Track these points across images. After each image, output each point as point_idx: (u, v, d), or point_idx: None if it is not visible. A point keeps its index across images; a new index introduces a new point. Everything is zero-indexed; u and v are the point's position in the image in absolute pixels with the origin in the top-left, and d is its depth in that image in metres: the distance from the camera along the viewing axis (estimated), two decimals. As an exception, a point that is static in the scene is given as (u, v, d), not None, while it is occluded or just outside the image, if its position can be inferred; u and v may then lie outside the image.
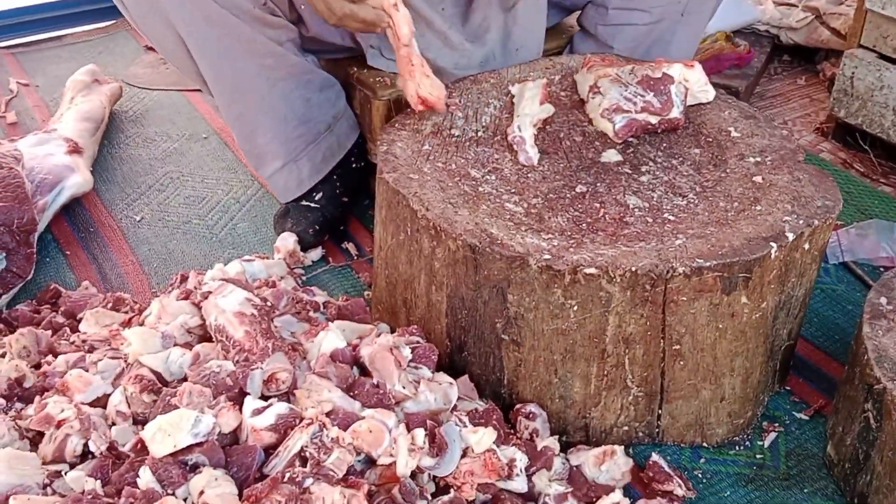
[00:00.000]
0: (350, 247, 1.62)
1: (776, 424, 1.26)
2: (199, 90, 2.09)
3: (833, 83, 2.16)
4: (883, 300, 1.14)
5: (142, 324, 1.19)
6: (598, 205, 1.18)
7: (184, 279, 1.34)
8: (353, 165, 1.69)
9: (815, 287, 1.53)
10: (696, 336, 1.12)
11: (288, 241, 1.54)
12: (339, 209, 1.66)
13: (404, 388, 1.07)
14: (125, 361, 1.08)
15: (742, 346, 1.15)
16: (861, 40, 1.83)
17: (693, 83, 1.35)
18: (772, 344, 1.20)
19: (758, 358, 1.19)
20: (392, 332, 1.25)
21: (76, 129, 1.85)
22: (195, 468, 0.93)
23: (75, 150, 1.76)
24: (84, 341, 1.20)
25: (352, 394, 1.05)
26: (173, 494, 0.90)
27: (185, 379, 1.05)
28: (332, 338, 1.10)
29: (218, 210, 1.74)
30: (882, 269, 1.55)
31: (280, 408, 0.98)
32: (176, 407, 0.96)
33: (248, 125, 1.58)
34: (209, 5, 1.41)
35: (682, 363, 1.14)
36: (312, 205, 1.63)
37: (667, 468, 1.15)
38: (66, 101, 2.02)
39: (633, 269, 1.05)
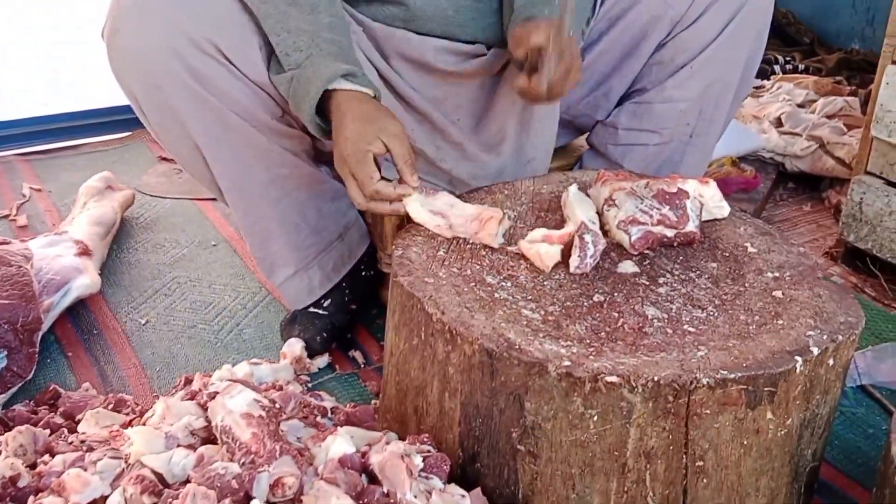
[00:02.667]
0: (357, 355, 1.59)
1: (802, 552, 1.20)
2: (212, 199, 2.11)
3: (838, 210, 2.19)
4: (911, 420, 1.11)
5: (144, 424, 1.15)
6: (616, 314, 1.17)
7: (188, 382, 1.30)
8: (363, 273, 1.68)
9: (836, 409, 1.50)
10: (719, 452, 1.08)
11: (295, 346, 1.51)
12: (347, 317, 1.64)
13: (415, 497, 1.02)
14: (125, 462, 1.03)
15: (767, 464, 1.11)
16: (868, 167, 1.86)
17: (708, 199, 1.36)
18: (797, 464, 1.16)
19: (783, 478, 1.14)
20: (402, 440, 1.20)
21: (87, 232, 1.85)
22: (195, 576, 0.87)
23: (84, 252, 1.76)
24: (83, 441, 1.16)
25: (361, 502, 1.00)
26: None
27: (187, 481, 1.00)
28: (341, 442, 1.06)
29: (224, 315, 1.72)
30: (901, 393, 1.53)
31: (287, 514, 0.93)
32: (177, 510, 0.91)
33: (261, 233, 1.58)
34: (228, 116, 1.43)
35: (705, 481, 1.09)
36: (321, 312, 1.61)
37: None
38: (79, 205, 2.04)
39: (656, 378, 1.02)
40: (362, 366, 1.56)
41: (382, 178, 1.30)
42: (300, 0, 1.37)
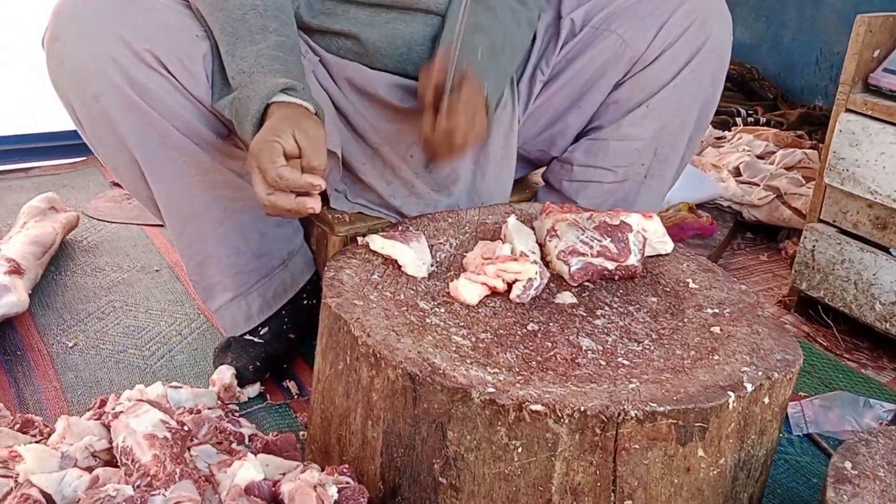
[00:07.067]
0: (291, 385, 1.53)
1: None
2: (161, 225, 2.05)
3: (795, 261, 2.18)
4: (847, 464, 1.06)
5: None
6: (549, 344, 1.12)
7: (103, 404, 1.24)
8: (305, 302, 1.63)
9: (779, 458, 1.46)
10: (649, 491, 1.03)
11: (225, 374, 1.45)
12: (284, 346, 1.58)
13: (325, 529, 0.96)
14: (15, 481, 0.97)
15: (699, 505, 1.06)
16: (821, 215, 1.84)
17: (651, 234, 1.33)
18: (732, 508, 1.11)
19: (717, 522, 1.09)
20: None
21: (21, 251, 1.79)
22: None
23: (15, 270, 1.69)
24: (-21, 461, 1.09)
25: (265, 532, 0.94)
26: None
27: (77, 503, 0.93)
28: (248, 468, 1.00)
29: (157, 341, 1.65)
30: (848, 443, 1.48)
31: (178, 540, 0.86)
32: (58, 531, 0.85)
33: (199, 255, 1.53)
34: (169, 131, 1.38)
35: (634, 521, 1.04)
36: (256, 339, 1.55)
37: None
38: (19, 225, 1.98)
39: (583, 408, 0.97)
40: (295, 396, 1.50)
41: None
42: (251, 21, 1.34)
